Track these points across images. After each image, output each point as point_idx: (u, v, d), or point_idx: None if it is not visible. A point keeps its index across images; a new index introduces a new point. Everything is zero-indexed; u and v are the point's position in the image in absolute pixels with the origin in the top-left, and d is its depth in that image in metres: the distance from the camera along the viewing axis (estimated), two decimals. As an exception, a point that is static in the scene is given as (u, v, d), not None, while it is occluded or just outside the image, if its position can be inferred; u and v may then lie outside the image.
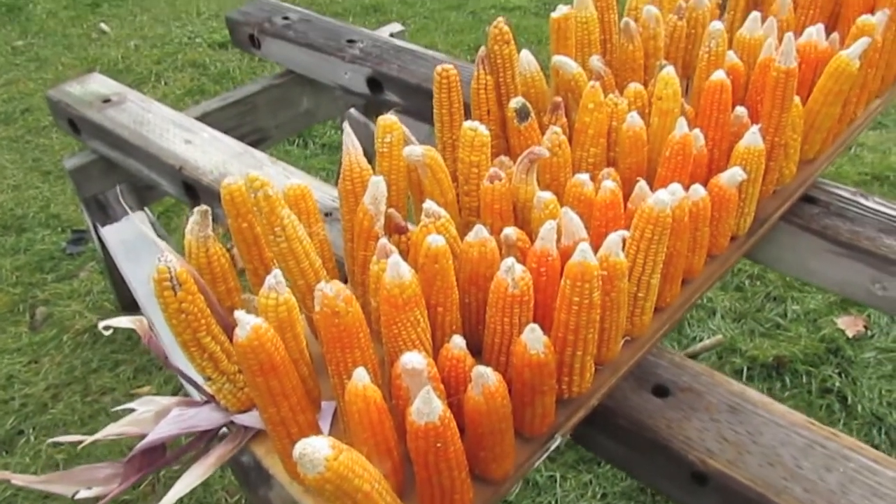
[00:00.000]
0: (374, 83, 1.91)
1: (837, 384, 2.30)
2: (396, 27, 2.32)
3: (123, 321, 0.92)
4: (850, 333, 2.46)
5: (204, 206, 0.91)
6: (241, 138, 2.06)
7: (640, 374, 1.07)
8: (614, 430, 1.04)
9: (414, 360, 0.78)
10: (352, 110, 2.49)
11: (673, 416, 1.01)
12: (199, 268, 0.92)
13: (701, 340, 2.50)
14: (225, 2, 4.77)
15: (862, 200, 1.32)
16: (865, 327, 2.46)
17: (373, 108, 2.20)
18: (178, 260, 0.83)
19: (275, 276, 0.81)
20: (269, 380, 0.77)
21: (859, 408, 2.23)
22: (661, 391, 1.05)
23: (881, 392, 2.27)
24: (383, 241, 0.90)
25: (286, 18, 2.12)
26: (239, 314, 0.74)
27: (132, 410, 0.95)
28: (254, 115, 2.07)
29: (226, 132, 2.00)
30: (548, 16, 1.34)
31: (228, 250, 1.02)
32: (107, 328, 0.87)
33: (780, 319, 2.55)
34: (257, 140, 2.14)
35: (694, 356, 2.46)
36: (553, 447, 0.94)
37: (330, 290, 0.80)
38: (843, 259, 1.26)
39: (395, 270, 0.83)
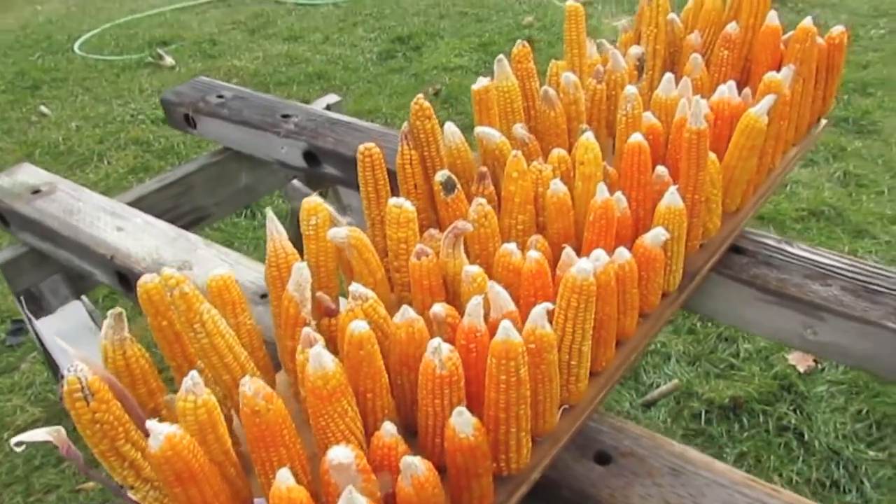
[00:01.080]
0: (311, 157, 1.92)
1: (793, 421, 2.32)
2: (333, 98, 2.34)
3: (39, 434, 0.88)
4: (801, 369, 2.49)
5: (118, 309, 0.88)
6: (179, 219, 2.04)
7: (581, 441, 1.06)
8: (559, 503, 1.02)
9: (340, 455, 0.76)
10: (294, 181, 2.49)
11: (616, 483, 1.00)
12: (116, 371, 0.89)
13: (658, 386, 2.50)
14: (167, 78, 4.79)
15: (787, 248, 1.35)
16: (816, 361, 2.50)
17: (315, 180, 2.21)
18: (90, 367, 0.80)
19: (192, 378, 0.78)
20: (187, 489, 0.74)
21: (816, 443, 2.25)
22: (603, 458, 1.04)
23: (836, 425, 2.29)
24: (307, 330, 0.88)
25: (220, 97, 2.13)
26: (151, 424, 0.72)
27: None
28: (191, 195, 2.06)
29: (163, 214, 1.98)
30: (489, 74, 1.36)
31: None
32: (18, 444, 0.83)
33: (734, 359, 2.58)
34: (197, 219, 2.12)
35: (652, 403, 2.47)
36: (496, 528, 0.92)
37: (249, 388, 0.77)
38: (773, 307, 1.28)
39: (317, 361, 0.81)
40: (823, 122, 1.63)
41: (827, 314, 1.23)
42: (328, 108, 2.26)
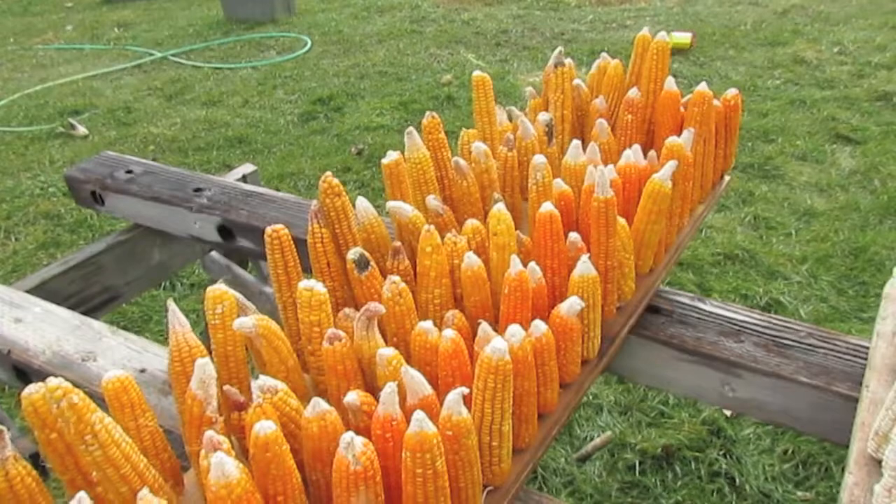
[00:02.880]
0: (225, 231, 1.87)
1: (724, 466, 2.35)
2: (249, 168, 2.30)
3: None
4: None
5: (1, 427, 0.81)
6: (87, 301, 1.94)
7: (509, 523, 1.03)
8: (489, 591, 0.98)
9: (246, 573, 0.70)
10: (213, 253, 2.42)
11: (546, 566, 0.97)
12: (-2, 495, 0.82)
13: (591, 439, 2.50)
14: (80, 148, 4.64)
15: (700, 305, 1.38)
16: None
17: (231, 253, 2.15)
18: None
19: (79, 501, 0.72)
20: None
21: (747, 487, 2.28)
22: (531, 539, 1.01)
23: (764, 468, 2.33)
24: (209, 434, 0.83)
25: (129, 172, 2.06)
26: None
27: None
28: (100, 276, 1.96)
29: (69, 298, 1.88)
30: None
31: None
32: None
33: (664, 407, 2.61)
34: (107, 300, 2.02)
35: (587, 457, 2.46)
36: None
37: (144, 508, 0.72)
38: (692, 365, 1.30)
39: (219, 471, 0.76)
40: (727, 178, 1.69)
41: (743, 371, 1.25)
42: (244, 178, 2.21)
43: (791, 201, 3.61)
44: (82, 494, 0.72)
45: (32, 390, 0.85)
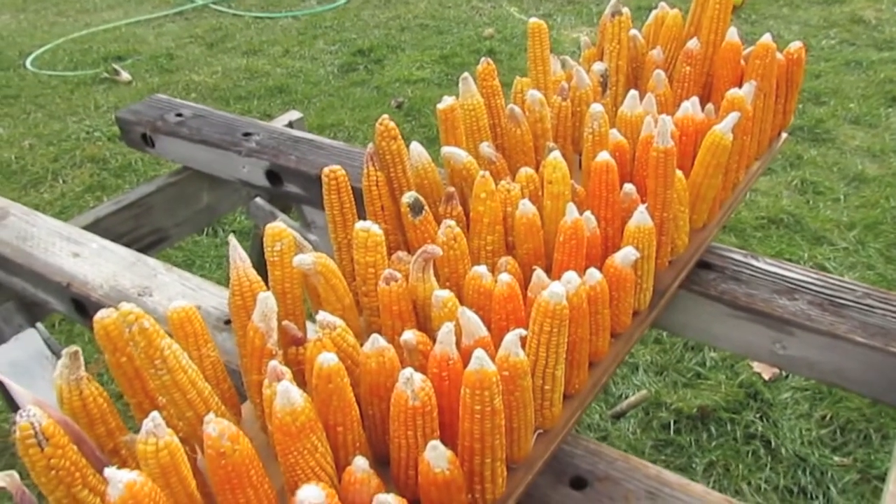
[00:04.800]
0: (274, 175, 1.88)
1: (760, 429, 2.35)
2: (295, 115, 2.31)
3: (-10, 480, 0.83)
4: (766, 376, 2.53)
5: (74, 348, 0.84)
6: (137, 241, 1.98)
7: (556, 466, 1.04)
8: (536, 531, 1.01)
9: (310, 495, 0.73)
10: (257, 199, 2.44)
11: (593, 508, 0.99)
12: (73, 413, 0.85)
13: (626, 397, 2.51)
14: (123, 93, 4.69)
15: (754, 262, 1.36)
16: (780, 369, 2.53)
17: (278, 198, 2.17)
18: (43, 412, 0.76)
19: (153, 420, 0.75)
20: (150, 538, 0.70)
21: (783, 451, 2.27)
22: (578, 483, 1.03)
23: (801, 432, 2.33)
24: (273, 364, 0.85)
25: (179, 115, 2.08)
26: (109, 472, 0.68)
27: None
28: (150, 217, 2.00)
29: (121, 237, 1.92)
30: (451, 86, 1.34)
31: None
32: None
33: (700, 368, 2.60)
34: (156, 241, 2.06)
35: (621, 414, 2.47)
36: (473, 560, 0.90)
37: (213, 430, 0.74)
38: (743, 322, 1.29)
39: (285, 398, 0.79)
40: (784, 135, 1.65)
41: (796, 329, 1.24)
42: (290, 125, 2.22)
43: (841, 166, 3.51)
44: (155, 413, 0.74)
45: (105, 315, 0.87)
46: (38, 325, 1.93)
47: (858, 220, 3.14)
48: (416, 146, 1.26)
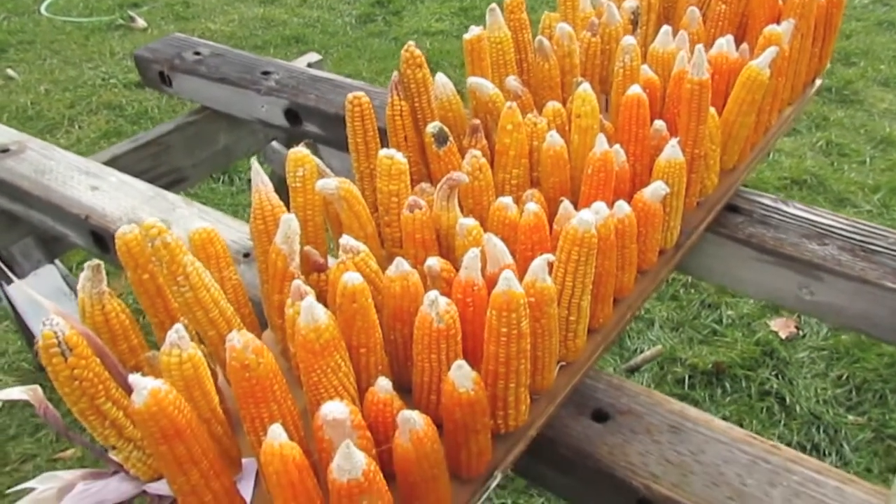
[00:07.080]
0: (292, 115, 1.86)
1: (775, 386, 2.34)
2: (314, 57, 2.27)
3: (14, 392, 0.83)
4: (783, 335, 2.51)
5: (96, 261, 0.83)
6: (155, 180, 1.97)
7: (578, 399, 1.04)
8: (556, 461, 1.00)
9: (335, 410, 0.72)
10: (274, 143, 2.42)
11: (614, 441, 0.98)
12: (95, 327, 0.84)
13: (641, 352, 2.50)
14: (139, 40, 4.64)
15: (783, 207, 1.33)
16: (797, 328, 2.51)
17: (295, 140, 2.14)
18: (67, 322, 0.75)
19: (177, 332, 0.74)
20: (174, 447, 0.70)
21: (798, 408, 2.26)
22: (600, 416, 1.02)
23: (817, 391, 2.31)
24: (297, 282, 0.84)
25: (197, 54, 2.05)
26: (134, 378, 0.67)
27: (32, 489, 0.85)
28: (168, 156, 1.98)
29: (139, 175, 1.91)
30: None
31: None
32: (-7, 401, 0.78)
33: (716, 325, 2.58)
34: (174, 181, 2.05)
35: (636, 368, 2.46)
36: (493, 486, 0.90)
37: (238, 342, 0.73)
38: (769, 266, 1.26)
39: (309, 314, 0.77)
40: (819, 82, 1.60)
41: (824, 273, 1.21)
42: (309, 66, 2.18)
43: (868, 128, 3.44)
44: (179, 325, 0.73)
45: (126, 230, 0.86)
46: (57, 262, 1.93)
47: (884, 182, 3.08)
48: (441, 77, 1.23)
